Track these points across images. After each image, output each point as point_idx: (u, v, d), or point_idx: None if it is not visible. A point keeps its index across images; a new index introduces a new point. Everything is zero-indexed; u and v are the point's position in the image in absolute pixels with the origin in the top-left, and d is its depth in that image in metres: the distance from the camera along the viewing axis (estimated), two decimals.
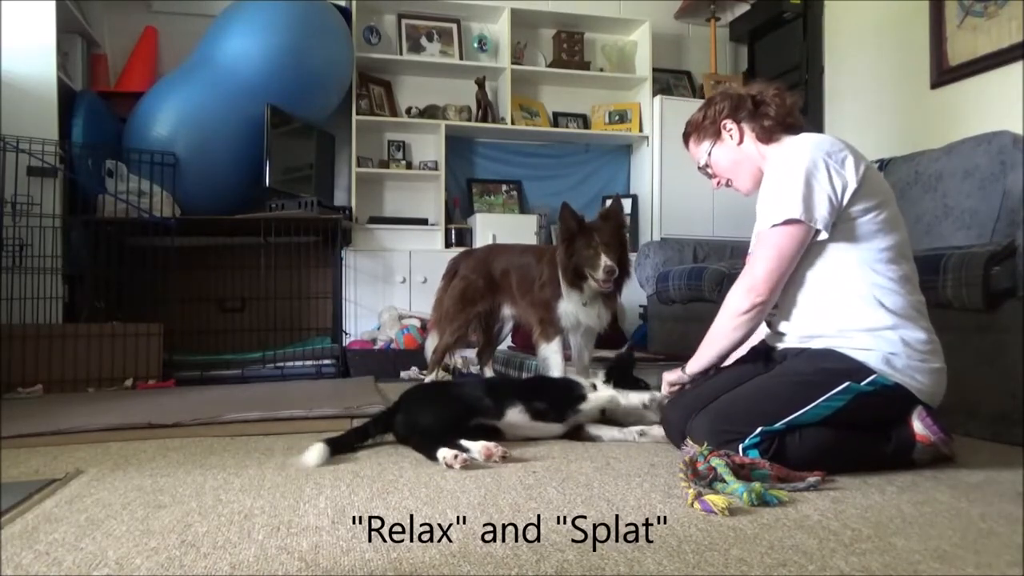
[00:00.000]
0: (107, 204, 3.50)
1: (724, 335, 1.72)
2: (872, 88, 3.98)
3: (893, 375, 1.57)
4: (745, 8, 4.87)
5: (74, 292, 3.54)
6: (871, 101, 3.99)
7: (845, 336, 1.60)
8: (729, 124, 1.83)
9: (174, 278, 3.72)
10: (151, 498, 1.39)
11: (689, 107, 4.55)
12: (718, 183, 1.92)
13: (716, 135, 1.85)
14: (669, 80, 5.03)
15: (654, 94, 4.74)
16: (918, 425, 1.61)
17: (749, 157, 1.82)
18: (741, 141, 1.82)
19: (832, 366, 1.58)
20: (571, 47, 4.78)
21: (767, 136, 1.79)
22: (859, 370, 1.57)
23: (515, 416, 1.92)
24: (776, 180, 1.66)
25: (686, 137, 1.96)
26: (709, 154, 1.87)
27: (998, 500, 1.35)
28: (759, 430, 1.53)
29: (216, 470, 1.63)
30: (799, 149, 1.64)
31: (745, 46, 5.12)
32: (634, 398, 1.98)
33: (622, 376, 2.07)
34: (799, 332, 1.69)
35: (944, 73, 3.45)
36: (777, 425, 1.53)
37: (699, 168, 1.93)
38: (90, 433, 2.10)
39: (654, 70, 4.82)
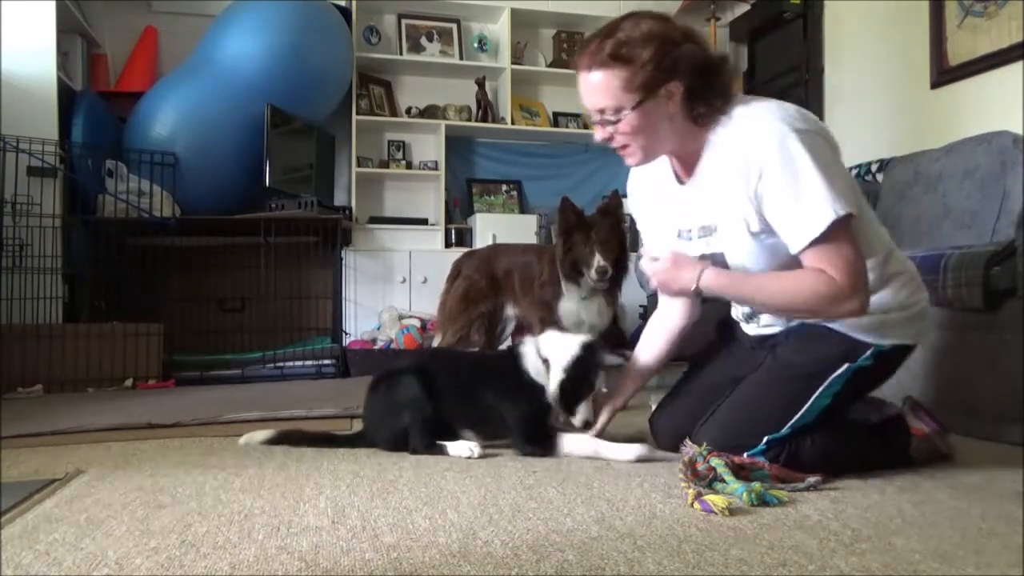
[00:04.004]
0: (107, 204, 3.50)
1: (781, 310, 1.51)
2: (872, 88, 3.98)
3: (889, 339, 1.51)
4: (745, 8, 4.86)
5: (74, 292, 3.54)
6: (871, 101, 3.98)
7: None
8: (674, 86, 1.45)
9: (174, 278, 3.72)
10: (151, 498, 1.39)
11: None
12: (609, 138, 1.51)
13: (647, 90, 1.43)
14: None
15: None
16: (912, 420, 1.61)
17: (672, 127, 1.49)
18: (669, 103, 1.46)
19: (825, 353, 1.52)
20: (571, 47, 4.77)
21: (706, 120, 1.48)
22: (854, 348, 1.50)
23: None
24: (783, 182, 1.37)
25: (592, 63, 1.45)
26: (623, 110, 1.45)
27: (998, 500, 1.35)
28: (765, 440, 1.49)
29: (216, 470, 1.63)
30: (775, 130, 1.38)
31: (745, 46, 5.11)
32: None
33: (580, 379, 1.74)
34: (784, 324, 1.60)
35: (944, 73, 3.45)
36: (783, 431, 1.50)
37: (592, 111, 1.50)
38: (90, 433, 2.10)
39: None
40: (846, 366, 1.50)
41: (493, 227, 4.34)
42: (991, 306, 1.97)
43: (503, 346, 3.42)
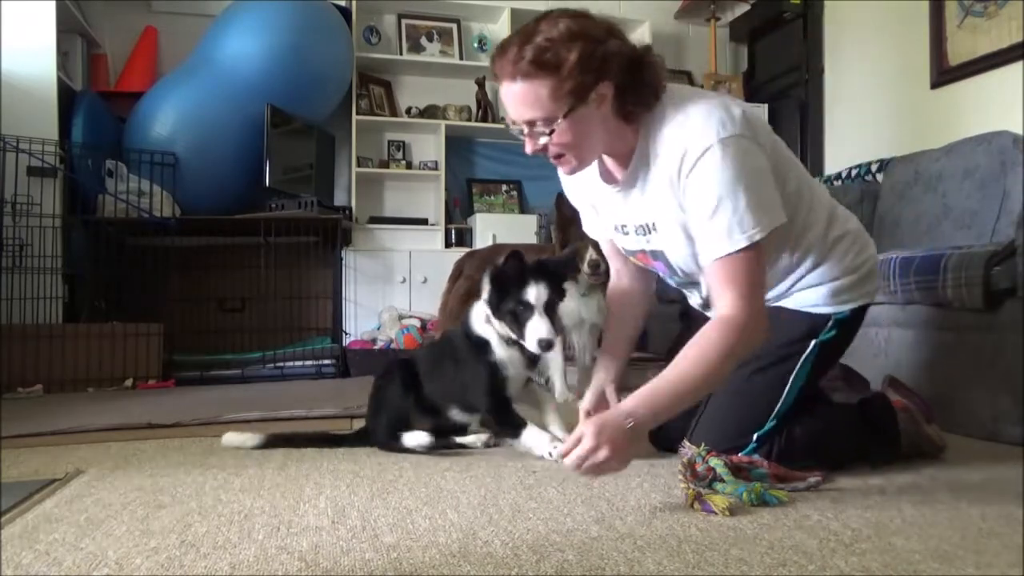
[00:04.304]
0: (107, 204, 3.50)
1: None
2: (872, 88, 3.98)
3: (846, 305, 1.52)
4: (745, 8, 4.87)
5: (74, 292, 3.54)
6: (871, 101, 3.99)
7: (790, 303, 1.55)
8: (604, 88, 1.37)
9: (174, 278, 3.73)
10: (151, 498, 1.39)
11: None
12: (542, 150, 1.43)
13: (577, 96, 1.34)
14: (669, 80, 5.02)
15: None
16: (891, 394, 1.63)
17: (605, 129, 1.43)
18: (600, 106, 1.39)
19: (790, 335, 1.51)
20: None
21: (637, 117, 1.44)
22: (816, 322, 1.52)
23: None
24: (702, 197, 1.35)
25: (515, 73, 1.34)
26: (554, 119, 1.36)
27: (998, 500, 1.35)
28: (754, 437, 1.50)
29: (216, 470, 1.63)
30: (701, 142, 1.33)
31: (745, 46, 5.11)
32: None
33: (505, 287, 1.67)
34: None
35: (944, 73, 3.45)
36: (769, 425, 1.50)
37: (519, 123, 1.40)
38: (90, 433, 2.10)
39: None
40: (813, 342, 1.51)
41: (493, 227, 4.34)
42: (991, 306, 1.97)
43: None
